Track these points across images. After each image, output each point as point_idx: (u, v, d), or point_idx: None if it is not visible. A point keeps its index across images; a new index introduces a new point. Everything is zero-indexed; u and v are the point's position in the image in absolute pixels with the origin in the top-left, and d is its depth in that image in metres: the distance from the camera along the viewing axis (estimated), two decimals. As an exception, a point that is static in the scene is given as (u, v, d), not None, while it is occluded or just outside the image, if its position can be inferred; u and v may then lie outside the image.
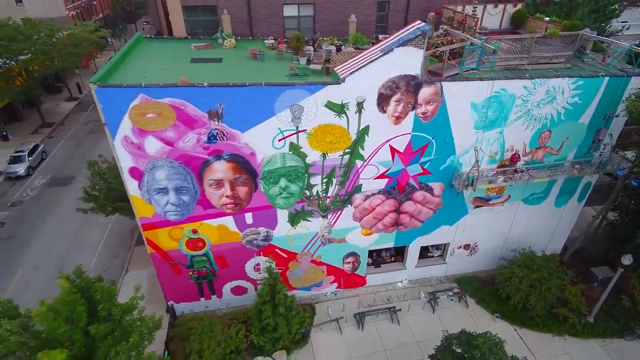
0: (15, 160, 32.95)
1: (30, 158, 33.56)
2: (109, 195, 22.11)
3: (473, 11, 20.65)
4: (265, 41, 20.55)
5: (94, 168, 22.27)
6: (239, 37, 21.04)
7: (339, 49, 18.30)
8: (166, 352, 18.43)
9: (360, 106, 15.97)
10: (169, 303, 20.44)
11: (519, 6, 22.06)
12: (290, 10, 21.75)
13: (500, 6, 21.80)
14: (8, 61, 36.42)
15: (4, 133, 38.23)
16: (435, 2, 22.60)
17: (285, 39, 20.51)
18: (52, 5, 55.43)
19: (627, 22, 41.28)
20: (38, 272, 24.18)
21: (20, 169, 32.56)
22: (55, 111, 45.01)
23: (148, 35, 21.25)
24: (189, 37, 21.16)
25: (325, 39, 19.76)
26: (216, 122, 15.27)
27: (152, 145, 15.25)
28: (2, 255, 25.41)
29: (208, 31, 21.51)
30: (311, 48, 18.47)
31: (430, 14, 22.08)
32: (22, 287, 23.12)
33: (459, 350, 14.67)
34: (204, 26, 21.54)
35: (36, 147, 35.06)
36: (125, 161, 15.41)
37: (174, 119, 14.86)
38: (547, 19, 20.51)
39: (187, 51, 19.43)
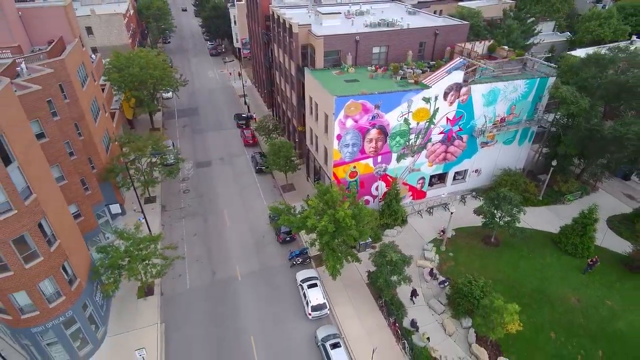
0: (167, 152, 47.98)
1: (175, 150, 48.71)
2: (283, 160, 39.22)
3: (472, 47, 40.08)
4: (368, 68, 38.59)
5: (274, 147, 39.18)
6: (352, 66, 38.83)
7: (412, 70, 36.83)
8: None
9: (436, 98, 34.59)
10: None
11: (492, 41, 41.90)
12: (375, 49, 39.89)
13: (483, 42, 41.48)
14: (137, 84, 50.88)
15: (134, 137, 52.49)
16: (449, 41, 41.66)
17: (379, 65, 38.64)
18: (117, 36, 68.44)
19: (542, 31, 63.52)
20: (234, 210, 40.55)
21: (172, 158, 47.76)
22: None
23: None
24: (328, 67, 38.62)
25: (401, 64, 38.21)
26: (376, 110, 33.17)
27: (349, 123, 32.89)
28: (207, 205, 41.47)
29: (334, 64, 39.02)
30: (401, 71, 36.77)
31: (447, 48, 41.19)
32: (234, 216, 39.53)
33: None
34: (331, 61, 39.04)
35: (173, 144, 50.20)
36: (335, 131, 32.90)
37: (360, 109, 32.60)
38: (507, 47, 40.55)
39: (332, 76, 36.98)
